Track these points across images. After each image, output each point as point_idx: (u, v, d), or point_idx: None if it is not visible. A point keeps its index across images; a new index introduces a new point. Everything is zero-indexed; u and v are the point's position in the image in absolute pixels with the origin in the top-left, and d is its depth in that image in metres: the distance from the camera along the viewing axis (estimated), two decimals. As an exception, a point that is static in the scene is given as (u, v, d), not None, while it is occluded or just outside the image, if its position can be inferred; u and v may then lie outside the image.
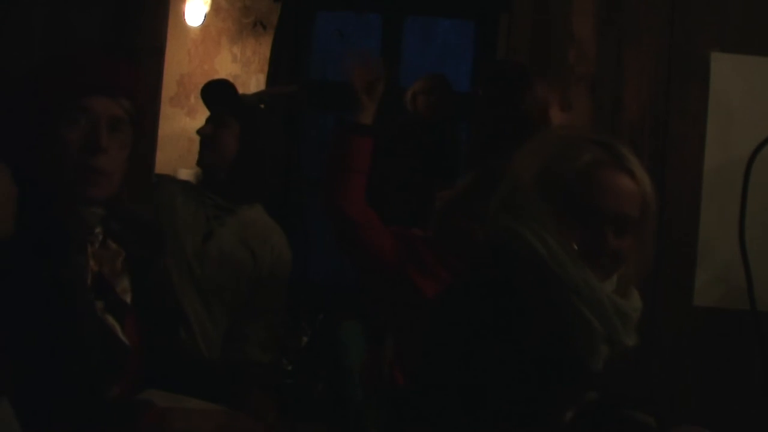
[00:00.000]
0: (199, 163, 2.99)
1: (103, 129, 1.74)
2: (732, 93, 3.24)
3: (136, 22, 3.26)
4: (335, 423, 3.29)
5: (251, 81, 5.59)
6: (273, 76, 5.34)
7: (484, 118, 3.81)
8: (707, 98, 3.25)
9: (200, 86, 3.14)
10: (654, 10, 3.27)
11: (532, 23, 3.94)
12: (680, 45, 3.27)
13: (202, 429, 1.67)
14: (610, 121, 3.26)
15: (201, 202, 2.90)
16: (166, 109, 4.74)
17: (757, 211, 3.07)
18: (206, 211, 2.89)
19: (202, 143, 2.96)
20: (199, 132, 2.96)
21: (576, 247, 1.71)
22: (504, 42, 5.06)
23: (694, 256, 3.22)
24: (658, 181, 3.22)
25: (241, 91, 5.53)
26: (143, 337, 1.83)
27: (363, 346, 2.98)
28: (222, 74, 5.57)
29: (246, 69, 5.61)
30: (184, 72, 5.58)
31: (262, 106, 3.30)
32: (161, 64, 3.39)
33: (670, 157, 3.26)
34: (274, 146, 3.01)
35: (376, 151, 4.08)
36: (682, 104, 3.27)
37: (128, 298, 1.82)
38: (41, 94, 1.75)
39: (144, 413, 1.63)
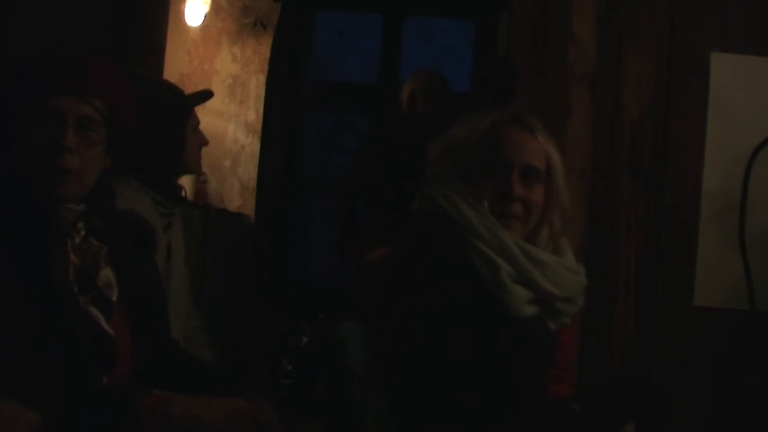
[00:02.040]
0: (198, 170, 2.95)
1: (69, 128, 1.75)
2: (732, 93, 3.24)
3: (136, 22, 3.27)
4: (335, 423, 3.29)
5: (251, 81, 5.59)
6: (273, 75, 5.34)
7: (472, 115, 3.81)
8: (707, 98, 3.25)
9: (200, 86, 3.14)
10: (654, 10, 3.27)
11: (531, 23, 3.94)
12: (680, 45, 3.27)
13: (207, 417, 1.67)
14: (610, 121, 3.26)
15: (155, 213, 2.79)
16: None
17: (757, 211, 3.08)
18: (162, 223, 2.79)
19: (199, 149, 2.93)
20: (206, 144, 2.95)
21: (486, 200, 1.87)
22: (504, 42, 5.06)
23: (694, 256, 3.22)
24: (658, 181, 3.23)
25: (240, 91, 5.55)
26: (132, 330, 1.84)
27: (362, 346, 2.98)
28: (222, 74, 5.57)
29: (246, 69, 5.61)
30: (183, 72, 5.58)
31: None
32: (161, 64, 3.39)
33: (670, 157, 3.26)
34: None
35: (379, 158, 4.09)
36: (682, 104, 3.27)
37: (113, 292, 1.82)
38: (9, 94, 1.77)
39: (143, 397, 1.63)
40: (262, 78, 5.49)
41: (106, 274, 1.83)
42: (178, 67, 5.48)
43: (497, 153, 1.91)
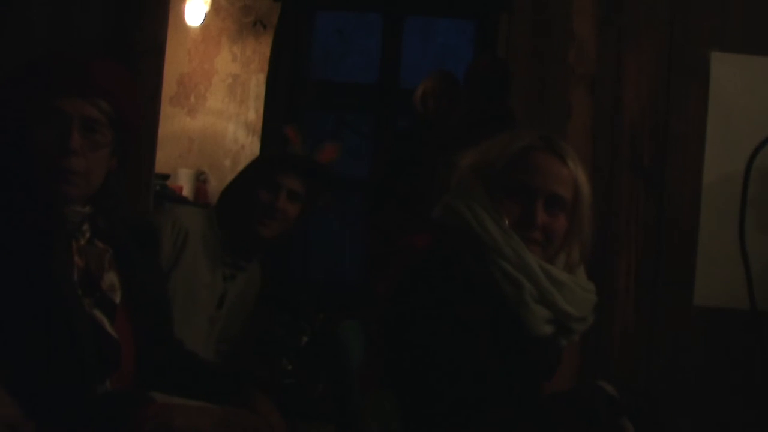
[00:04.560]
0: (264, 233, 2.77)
1: (75, 130, 1.76)
2: (732, 92, 3.24)
3: (136, 22, 3.26)
4: (335, 423, 3.29)
5: (251, 80, 5.59)
6: (273, 75, 5.34)
7: (467, 114, 3.81)
8: (707, 98, 3.25)
9: (200, 86, 3.12)
10: (654, 10, 3.27)
11: (531, 23, 3.94)
12: (680, 45, 3.27)
13: (203, 426, 1.67)
14: (610, 121, 3.26)
15: (219, 259, 2.75)
16: (166, 109, 4.74)
17: (757, 210, 3.08)
18: (223, 271, 2.76)
19: (269, 213, 2.75)
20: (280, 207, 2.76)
21: (507, 222, 1.88)
22: (504, 42, 5.06)
23: (694, 256, 3.22)
24: (659, 182, 3.23)
25: (240, 90, 5.55)
26: (135, 333, 1.84)
27: (362, 346, 2.98)
28: (222, 74, 5.58)
29: (246, 68, 5.61)
30: (184, 71, 5.58)
31: None
32: (161, 64, 3.39)
33: (670, 157, 3.26)
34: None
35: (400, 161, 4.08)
36: (682, 104, 3.27)
37: (117, 294, 1.82)
38: (15, 95, 1.77)
39: (143, 406, 1.63)
40: (262, 77, 5.50)
41: (111, 276, 1.83)
42: (179, 67, 5.48)
43: (524, 179, 1.92)
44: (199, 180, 5.67)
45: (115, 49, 3.18)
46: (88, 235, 1.81)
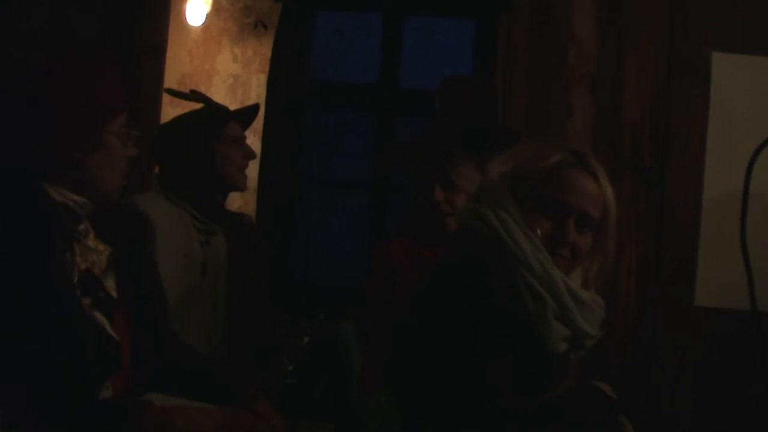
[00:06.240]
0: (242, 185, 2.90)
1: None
2: (733, 93, 3.24)
3: (137, 22, 3.26)
4: (335, 423, 3.29)
5: (252, 81, 5.59)
6: (274, 75, 5.34)
7: (442, 129, 3.72)
8: (708, 98, 3.25)
9: (201, 86, 3.13)
10: (654, 10, 3.27)
11: (532, 23, 3.94)
12: (681, 45, 3.27)
13: (204, 427, 1.67)
14: (611, 122, 3.26)
15: (190, 228, 2.78)
16: (166, 109, 4.73)
17: (758, 210, 3.07)
18: (198, 238, 2.78)
19: (240, 164, 2.87)
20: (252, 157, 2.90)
21: (539, 232, 1.86)
22: (504, 42, 5.06)
23: (695, 256, 3.22)
24: (659, 182, 3.23)
25: (241, 91, 5.55)
26: (132, 332, 1.83)
27: (362, 346, 2.98)
28: (223, 74, 5.57)
29: (247, 69, 5.61)
30: (185, 72, 5.57)
31: None
32: (162, 64, 3.40)
33: (670, 157, 3.26)
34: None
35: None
36: (683, 104, 3.27)
37: (115, 294, 1.82)
38: (66, 124, 1.77)
39: (145, 412, 1.63)
40: (263, 78, 5.49)
41: (110, 276, 1.82)
42: (179, 67, 5.48)
43: (559, 196, 1.90)
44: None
45: (117, 50, 3.18)
46: (87, 234, 1.81)
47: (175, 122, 2.91)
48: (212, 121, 2.83)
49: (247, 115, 3.01)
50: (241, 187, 2.91)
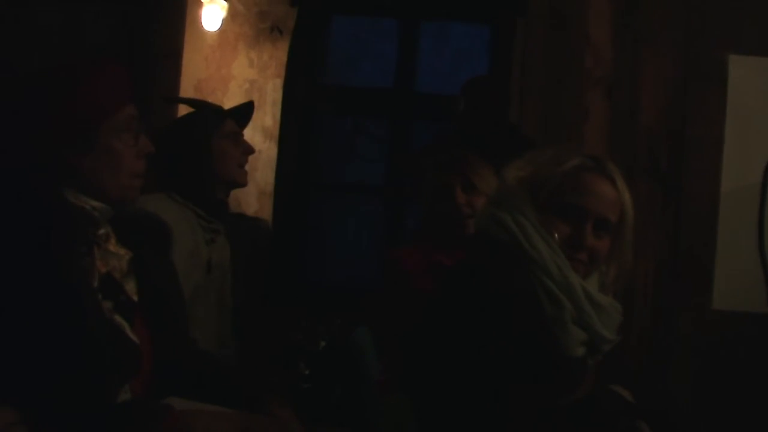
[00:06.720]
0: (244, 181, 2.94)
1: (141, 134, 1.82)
2: (750, 95, 3.23)
3: (152, 28, 3.28)
4: (352, 427, 3.29)
5: (268, 85, 5.61)
6: (290, 80, 5.35)
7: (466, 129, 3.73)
8: (725, 101, 3.24)
9: (217, 91, 3.15)
10: (670, 13, 3.27)
11: (548, 28, 3.94)
12: (697, 48, 3.27)
13: (224, 431, 1.67)
14: (627, 125, 3.25)
15: (196, 226, 2.78)
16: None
17: (775, 214, 3.06)
18: (204, 236, 2.78)
19: (239, 161, 2.92)
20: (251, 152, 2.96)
21: (557, 236, 1.87)
22: (520, 47, 5.05)
23: (712, 260, 3.21)
24: (676, 186, 3.22)
25: (257, 96, 5.57)
26: (152, 336, 1.84)
27: (378, 351, 2.98)
28: (239, 79, 5.59)
29: (263, 74, 5.62)
30: (201, 77, 5.59)
31: None
32: (178, 69, 3.41)
33: (687, 161, 3.25)
34: None
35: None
36: (700, 108, 3.26)
37: (135, 298, 1.83)
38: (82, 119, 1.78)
39: (165, 416, 1.63)
40: (279, 83, 5.50)
41: (131, 281, 1.83)
42: (195, 73, 5.50)
43: (577, 200, 1.91)
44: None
45: (133, 55, 3.20)
46: (107, 238, 1.81)
47: (173, 124, 2.96)
48: (208, 119, 2.85)
49: (242, 112, 3.05)
50: (241, 183, 2.94)
